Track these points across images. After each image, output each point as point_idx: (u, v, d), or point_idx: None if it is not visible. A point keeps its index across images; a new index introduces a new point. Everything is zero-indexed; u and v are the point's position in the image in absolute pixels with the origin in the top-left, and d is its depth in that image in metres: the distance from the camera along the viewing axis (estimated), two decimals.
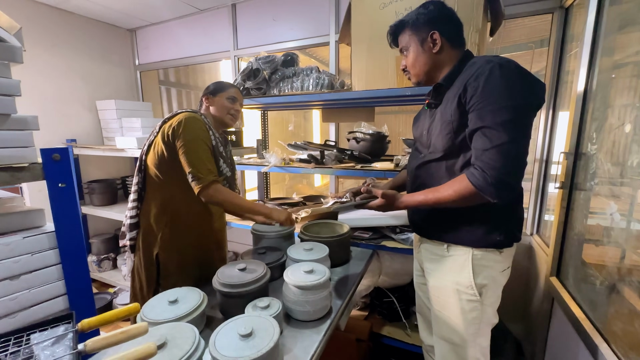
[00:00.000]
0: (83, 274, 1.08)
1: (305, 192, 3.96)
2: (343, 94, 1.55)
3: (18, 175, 0.93)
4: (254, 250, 1.33)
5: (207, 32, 2.66)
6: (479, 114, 0.83)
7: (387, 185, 1.32)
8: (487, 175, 0.80)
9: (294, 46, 2.31)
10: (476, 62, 0.90)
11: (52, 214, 1.00)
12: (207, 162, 1.14)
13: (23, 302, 0.96)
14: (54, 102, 2.58)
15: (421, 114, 1.16)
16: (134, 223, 1.21)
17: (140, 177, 1.20)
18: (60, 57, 2.59)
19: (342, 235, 1.39)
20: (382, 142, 1.79)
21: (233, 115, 1.32)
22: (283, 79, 1.83)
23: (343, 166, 1.63)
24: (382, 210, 1.04)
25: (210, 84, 1.33)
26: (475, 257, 0.95)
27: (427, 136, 1.03)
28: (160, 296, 0.97)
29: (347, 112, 2.10)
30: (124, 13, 2.68)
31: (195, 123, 1.15)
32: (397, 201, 1.00)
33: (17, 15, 2.33)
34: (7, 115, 0.92)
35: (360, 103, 1.82)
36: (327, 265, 1.22)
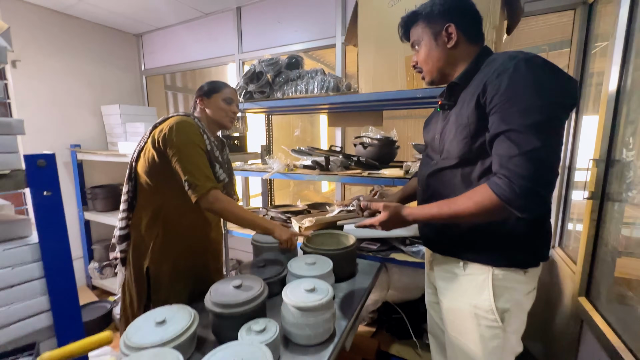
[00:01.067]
0: (69, 289, 1.01)
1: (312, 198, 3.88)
2: (349, 97, 1.47)
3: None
4: (253, 263, 1.24)
5: (212, 36, 2.63)
6: (503, 115, 0.73)
7: (395, 196, 1.22)
8: (515, 185, 0.70)
9: (299, 49, 2.24)
10: (497, 58, 0.80)
11: (36, 224, 0.93)
12: (204, 168, 1.06)
13: (2, 319, 0.90)
14: (60, 106, 2.57)
15: (433, 117, 1.06)
16: (124, 235, 1.14)
17: (130, 186, 1.14)
18: (66, 62, 2.58)
19: (348, 248, 1.29)
20: (390, 148, 1.69)
21: (231, 118, 1.25)
22: (287, 82, 1.76)
23: (349, 173, 1.54)
24: (387, 228, 0.93)
25: (204, 84, 1.26)
26: (496, 278, 0.84)
27: (439, 141, 0.93)
28: (147, 315, 0.89)
29: (354, 116, 2.02)
30: (130, 18, 2.67)
31: (187, 127, 1.08)
32: (401, 214, 0.90)
33: (24, 20, 2.34)
34: None
35: (368, 106, 1.73)
36: (331, 281, 1.12)
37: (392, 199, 1.21)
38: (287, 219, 1.89)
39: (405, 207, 0.92)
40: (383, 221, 0.91)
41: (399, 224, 0.91)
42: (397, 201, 1.19)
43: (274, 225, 1.16)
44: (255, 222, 1.13)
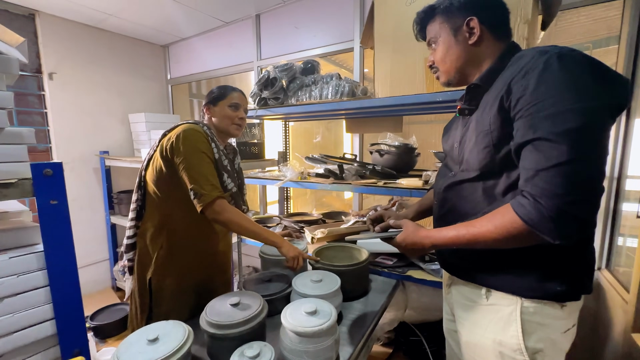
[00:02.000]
0: (73, 298, 1.01)
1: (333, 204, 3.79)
2: (363, 102, 1.38)
3: (4, 191, 0.88)
4: (259, 277, 1.19)
5: (232, 44, 2.66)
6: (530, 121, 0.61)
7: (410, 210, 1.11)
8: (542, 207, 0.58)
9: (318, 54, 2.20)
10: (525, 54, 0.69)
11: (42, 233, 0.94)
12: (210, 177, 1.03)
13: (5, 327, 0.90)
14: (91, 115, 2.71)
15: (453, 123, 0.95)
16: (131, 244, 1.13)
17: (139, 195, 1.13)
18: (98, 73, 2.73)
19: (359, 265, 1.20)
20: (409, 156, 1.58)
21: (238, 125, 1.20)
22: (301, 88, 1.71)
23: (363, 182, 1.45)
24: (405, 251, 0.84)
25: (213, 89, 1.23)
26: (526, 311, 0.71)
27: (458, 150, 0.82)
28: (141, 331, 0.85)
29: (372, 122, 1.92)
30: (156, 29, 2.77)
31: (194, 135, 1.05)
32: (418, 236, 0.79)
33: (60, 35, 2.50)
34: (0, 129, 0.88)
35: (385, 112, 1.63)
36: (338, 302, 1.03)
37: (406, 214, 1.10)
38: (300, 229, 1.82)
39: (422, 227, 0.81)
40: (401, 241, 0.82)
41: (416, 249, 0.80)
42: (412, 216, 1.08)
43: (282, 241, 1.10)
44: (261, 235, 1.07)
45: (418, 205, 1.12)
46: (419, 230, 0.81)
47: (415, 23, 0.91)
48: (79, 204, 2.69)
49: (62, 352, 1.01)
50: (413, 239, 0.80)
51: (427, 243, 0.77)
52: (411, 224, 0.85)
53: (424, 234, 0.79)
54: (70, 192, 2.65)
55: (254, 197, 2.88)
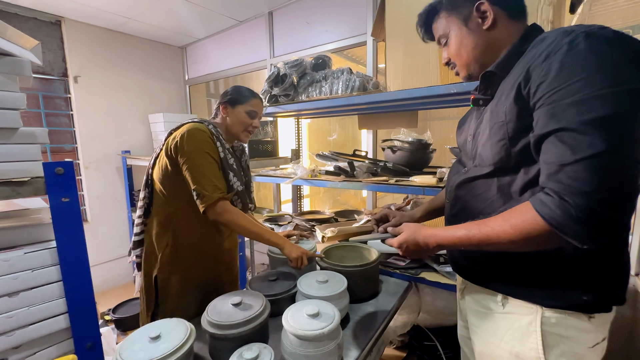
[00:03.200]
0: (85, 292, 1.03)
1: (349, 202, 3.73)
2: (373, 97, 1.33)
3: (19, 189, 0.91)
4: (265, 275, 1.17)
5: (246, 43, 2.67)
6: (553, 109, 0.55)
7: (419, 210, 1.05)
8: (570, 205, 0.51)
9: (330, 49, 2.15)
10: (548, 36, 0.61)
11: (54, 230, 0.97)
12: (213, 178, 1.02)
13: (21, 320, 0.94)
14: (114, 116, 2.82)
15: (468, 116, 0.89)
16: (139, 240, 1.15)
17: (146, 192, 1.14)
18: (119, 75, 2.83)
19: (367, 265, 1.15)
20: (423, 152, 1.51)
21: (250, 132, 1.20)
22: (312, 84, 1.67)
23: (374, 180, 1.40)
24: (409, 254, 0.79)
25: (229, 89, 1.22)
26: (547, 322, 0.64)
27: (472, 144, 0.76)
28: (144, 329, 0.86)
29: (385, 117, 1.86)
30: (173, 31, 2.83)
31: (198, 135, 1.04)
32: (419, 237, 0.74)
33: (84, 40, 2.60)
34: (14, 129, 0.91)
35: (398, 106, 1.56)
36: (343, 304, 1.00)
37: (412, 214, 1.04)
38: (311, 227, 1.79)
39: (425, 226, 0.76)
40: (401, 244, 0.77)
41: (420, 250, 0.75)
42: (420, 216, 1.02)
43: (284, 242, 1.08)
44: (263, 237, 1.06)
45: (428, 204, 1.06)
46: (421, 229, 0.75)
47: (418, 26, 0.85)
48: (102, 201, 2.81)
49: (75, 345, 1.04)
50: (415, 238, 0.75)
51: (432, 242, 0.72)
52: (412, 224, 0.80)
53: (428, 232, 0.73)
54: (95, 190, 2.78)
55: (268, 195, 2.89)
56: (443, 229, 0.72)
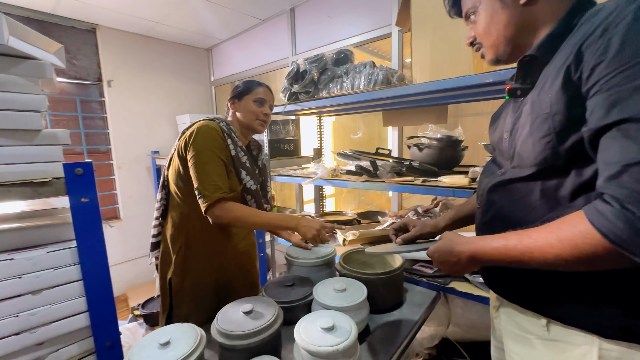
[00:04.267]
0: (105, 292, 1.04)
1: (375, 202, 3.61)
2: (398, 90, 1.23)
3: (40, 190, 0.93)
4: (282, 280, 1.12)
5: (268, 41, 2.65)
6: (613, 96, 0.44)
7: (444, 218, 0.94)
8: (633, 216, 0.41)
9: (353, 43, 2.07)
10: (605, 7, 0.50)
11: (74, 230, 0.98)
12: (215, 177, 0.99)
13: (44, 317, 0.96)
14: (144, 118, 2.93)
15: (503, 109, 0.77)
16: (156, 243, 1.14)
17: (163, 194, 1.13)
18: (148, 78, 2.93)
19: (390, 273, 1.06)
20: (454, 150, 1.38)
21: (262, 121, 1.15)
22: (332, 80, 1.60)
23: (398, 180, 1.30)
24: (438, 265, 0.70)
25: (239, 83, 1.19)
26: (606, 355, 0.53)
27: (509, 141, 0.65)
28: (154, 335, 0.84)
29: (412, 113, 1.74)
30: (199, 34, 2.89)
31: (207, 132, 1.02)
32: (455, 244, 0.64)
33: (117, 45, 2.72)
34: (37, 130, 0.93)
35: (425, 101, 1.45)
36: (363, 315, 0.92)
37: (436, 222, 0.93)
38: (332, 229, 1.72)
39: (459, 235, 0.66)
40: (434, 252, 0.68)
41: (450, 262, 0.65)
42: (444, 225, 0.92)
43: (296, 222, 1.02)
44: (272, 222, 1.02)
45: (455, 211, 0.94)
46: (458, 237, 0.66)
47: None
48: (134, 200, 2.93)
49: (96, 343, 1.06)
50: (451, 247, 0.64)
51: (465, 252, 0.61)
52: (451, 232, 0.70)
53: (463, 240, 0.64)
54: (127, 189, 2.91)
55: (290, 195, 2.86)
56: (479, 238, 0.62)
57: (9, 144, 0.90)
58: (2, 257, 0.90)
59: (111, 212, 2.86)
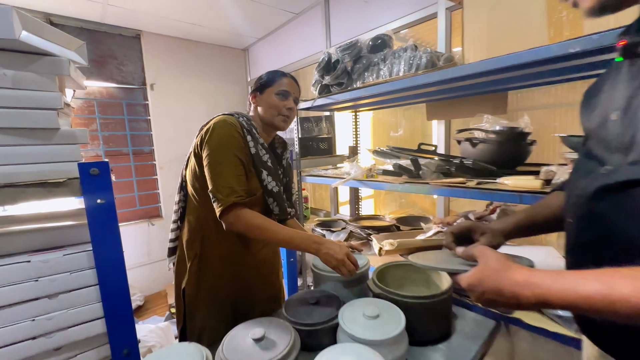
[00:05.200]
0: (121, 298, 0.99)
1: (418, 204, 3.31)
2: (446, 73, 1.01)
3: (55, 190, 0.89)
4: (305, 298, 0.97)
5: (302, 36, 2.54)
6: None
7: (510, 222, 0.72)
8: None
9: (393, 28, 1.86)
10: None
11: (90, 232, 0.94)
12: (230, 178, 0.87)
13: (60, 322, 0.93)
14: (183, 119, 3.01)
15: (605, 81, 0.54)
16: (173, 248, 1.07)
17: (181, 196, 1.05)
18: (187, 81, 3.00)
19: (437, 297, 0.86)
20: (517, 145, 1.12)
21: (285, 116, 1.02)
22: (368, 68, 1.42)
23: (446, 182, 1.08)
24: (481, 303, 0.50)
25: (262, 74, 1.07)
26: None
27: (621, 124, 0.44)
28: (158, 354, 0.75)
29: (462, 103, 1.49)
30: (235, 33, 2.88)
31: (224, 128, 0.91)
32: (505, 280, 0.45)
33: (159, 50, 2.81)
34: (55, 129, 0.90)
35: (481, 86, 1.20)
36: (400, 352, 0.73)
37: (503, 226, 0.71)
38: (367, 236, 1.55)
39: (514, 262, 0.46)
40: (471, 286, 0.49)
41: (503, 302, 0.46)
42: (510, 230, 0.70)
43: (318, 246, 0.86)
44: (290, 242, 0.87)
45: (525, 214, 0.72)
46: (508, 269, 0.46)
47: None
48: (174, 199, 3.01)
49: (112, 351, 1.01)
50: (498, 283, 0.46)
51: (527, 295, 0.42)
52: (492, 254, 0.50)
53: (521, 276, 0.44)
54: (168, 189, 2.99)
55: (325, 195, 2.72)
56: (552, 275, 0.42)
57: (24, 143, 0.87)
58: (19, 259, 0.88)
59: (154, 210, 2.97)
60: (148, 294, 2.85)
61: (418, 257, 0.76)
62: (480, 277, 0.48)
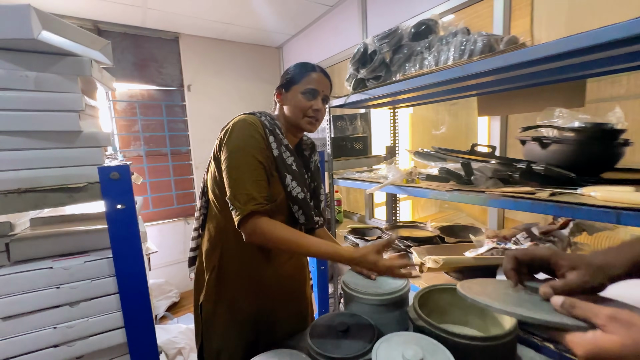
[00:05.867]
0: (142, 307, 0.95)
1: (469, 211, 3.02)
2: (510, 57, 0.82)
3: (75, 195, 0.86)
4: (333, 322, 0.85)
5: (337, 30, 2.41)
6: None
7: (621, 257, 0.51)
8: None
9: (440, 12, 1.65)
10: None
11: (110, 239, 0.90)
12: (249, 184, 0.78)
13: (81, 331, 0.90)
14: (217, 120, 3.02)
15: None
16: (193, 257, 1.00)
17: (203, 202, 0.98)
18: (222, 81, 3.02)
19: (499, 340, 0.68)
20: (605, 145, 0.88)
21: (312, 118, 0.90)
22: (409, 58, 1.25)
23: (509, 191, 0.88)
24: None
25: (289, 67, 0.96)
26: None
27: None
28: None
29: (523, 95, 1.26)
30: (269, 30, 2.83)
31: (243, 129, 0.82)
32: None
33: (196, 51, 2.85)
34: (76, 132, 0.87)
35: (549, 74, 0.98)
36: None
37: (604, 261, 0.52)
38: (406, 248, 1.38)
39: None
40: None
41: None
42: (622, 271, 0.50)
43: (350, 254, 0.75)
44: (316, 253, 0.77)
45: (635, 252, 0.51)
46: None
47: None
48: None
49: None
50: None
51: None
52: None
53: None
54: None
55: (359, 198, 2.57)
56: None
57: (45, 147, 0.85)
58: (42, 265, 0.86)
59: (190, 209, 3.04)
60: (184, 291, 2.92)
61: (472, 288, 0.59)
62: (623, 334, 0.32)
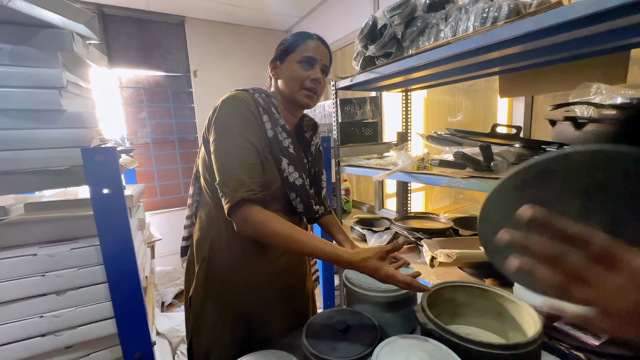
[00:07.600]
0: (133, 298, 0.90)
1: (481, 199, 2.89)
2: (539, 20, 0.69)
3: (58, 179, 0.81)
4: (332, 320, 0.77)
5: (346, 9, 2.27)
6: None
7: None
8: None
9: None
10: None
11: (96, 225, 0.84)
12: (239, 169, 0.70)
13: (69, 320, 0.86)
14: None
15: None
16: (185, 247, 0.94)
17: (195, 188, 0.91)
18: (229, 67, 2.94)
19: (521, 349, 0.59)
20: None
21: (309, 91, 0.81)
22: (423, 31, 1.13)
23: None
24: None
25: (284, 38, 0.87)
26: None
27: None
28: None
29: (553, 72, 1.12)
30: (277, 13, 2.71)
31: (233, 107, 0.74)
32: None
33: (201, 36, 2.77)
34: (58, 110, 0.81)
35: (586, 44, 0.84)
36: None
37: None
38: (416, 241, 1.28)
39: None
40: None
41: None
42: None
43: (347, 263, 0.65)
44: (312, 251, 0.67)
45: None
46: None
47: None
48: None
49: (124, 353, 0.94)
50: None
51: None
52: None
53: None
54: None
55: (369, 188, 2.46)
56: None
57: (23, 127, 0.78)
58: (26, 252, 0.82)
59: None
60: None
61: None
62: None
